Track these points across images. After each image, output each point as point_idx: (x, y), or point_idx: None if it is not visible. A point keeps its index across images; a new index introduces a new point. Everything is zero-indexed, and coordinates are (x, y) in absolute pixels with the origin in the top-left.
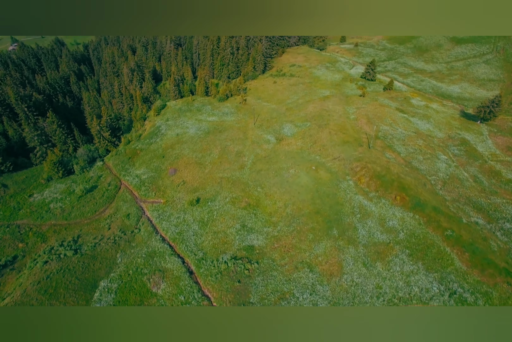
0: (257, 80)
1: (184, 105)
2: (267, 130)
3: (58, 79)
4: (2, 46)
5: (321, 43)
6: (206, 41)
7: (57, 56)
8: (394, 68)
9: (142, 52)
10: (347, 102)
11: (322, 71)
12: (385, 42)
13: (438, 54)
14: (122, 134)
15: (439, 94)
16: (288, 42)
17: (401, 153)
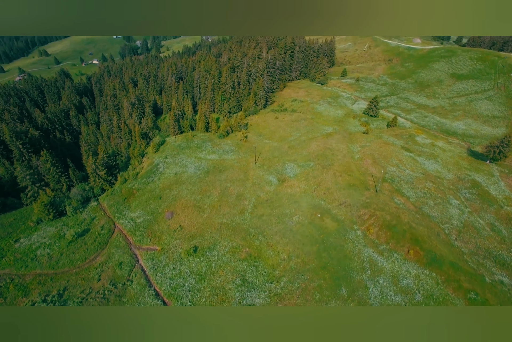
0: (258, 116)
1: (183, 142)
2: (268, 170)
3: (58, 112)
4: (10, 77)
5: (322, 78)
6: (207, 75)
7: (60, 88)
8: (397, 104)
9: (144, 85)
10: (350, 140)
11: (324, 107)
12: (386, 77)
13: (439, 90)
14: (119, 172)
15: (444, 131)
16: (289, 76)
17: (411, 198)
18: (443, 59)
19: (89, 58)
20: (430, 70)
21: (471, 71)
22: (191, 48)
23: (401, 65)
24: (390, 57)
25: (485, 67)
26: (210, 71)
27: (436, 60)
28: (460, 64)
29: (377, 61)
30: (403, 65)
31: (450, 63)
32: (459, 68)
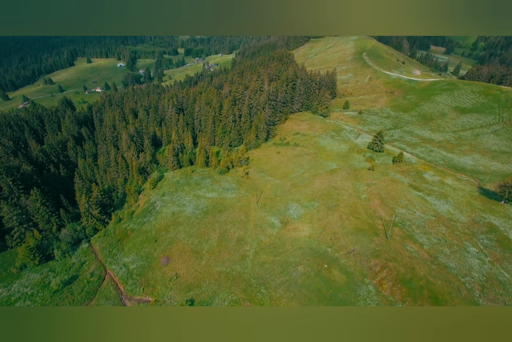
0: (260, 150)
1: (182, 178)
2: (271, 211)
3: (55, 144)
4: (14, 104)
5: (324, 110)
6: (208, 107)
7: (61, 117)
8: (401, 137)
9: (144, 116)
10: (355, 176)
11: (327, 141)
12: (389, 109)
13: (443, 123)
14: (114, 210)
15: (451, 167)
16: (291, 108)
17: (424, 245)
18: (445, 92)
19: (93, 86)
20: (433, 103)
21: (474, 105)
22: (193, 78)
23: (404, 98)
24: (391, 89)
25: (488, 101)
26: (211, 104)
27: (438, 93)
28: (462, 97)
29: (379, 93)
30: (406, 98)
31: (452, 96)
32: (462, 102)
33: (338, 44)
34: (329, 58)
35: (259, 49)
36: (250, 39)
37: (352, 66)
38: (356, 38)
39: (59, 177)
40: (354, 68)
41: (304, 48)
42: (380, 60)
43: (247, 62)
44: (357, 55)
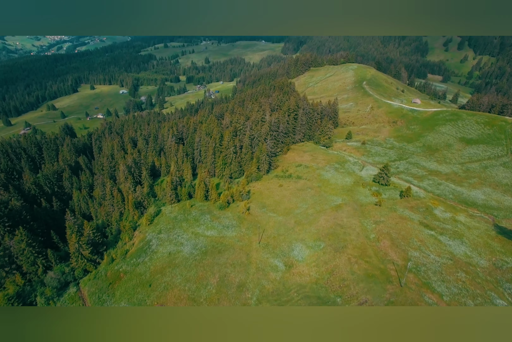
0: (261, 182)
1: (180, 213)
2: (274, 252)
3: (50, 174)
4: (16, 130)
5: (327, 140)
6: (208, 138)
7: (59, 145)
8: (407, 169)
9: (143, 145)
10: (362, 213)
11: (331, 173)
12: (393, 140)
13: (449, 154)
14: (106, 249)
15: (462, 201)
16: (293, 138)
17: (444, 296)
18: (449, 122)
19: (94, 113)
20: (438, 133)
21: (480, 136)
22: (194, 105)
23: (407, 128)
24: (394, 119)
25: (494, 132)
26: (211, 134)
27: (442, 123)
28: (467, 128)
29: (381, 123)
30: (409, 128)
31: (457, 127)
32: (467, 132)
33: (338, 73)
34: (330, 86)
35: (260, 77)
36: (251, 67)
37: (352, 95)
38: (355, 67)
39: (50, 211)
40: (355, 97)
41: (305, 76)
42: (380, 89)
43: (248, 91)
44: (357, 84)
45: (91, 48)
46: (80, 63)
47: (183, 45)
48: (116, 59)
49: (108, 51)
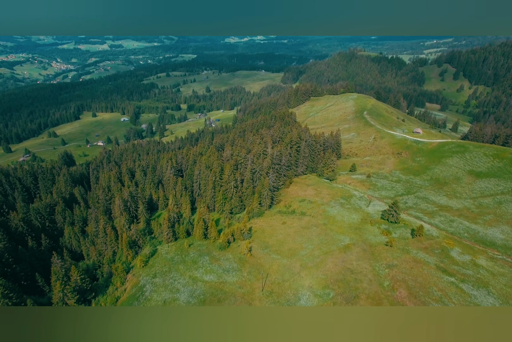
0: (263, 219)
1: (177, 254)
2: (278, 301)
3: (42, 208)
4: (15, 157)
5: (330, 173)
6: (208, 171)
7: (56, 175)
8: (416, 204)
9: (141, 177)
10: (373, 255)
11: (337, 209)
12: (399, 172)
13: (459, 188)
14: (95, 297)
15: (479, 241)
16: (296, 171)
17: None
18: (456, 154)
19: (95, 140)
20: (445, 166)
21: (490, 169)
22: (194, 134)
23: (412, 160)
24: (398, 150)
25: (504, 165)
26: (211, 167)
27: (448, 155)
28: (476, 160)
29: (385, 154)
30: (414, 160)
31: (464, 159)
32: (476, 165)
33: (338, 103)
34: (330, 116)
35: (260, 106)
36: (251, 96)
37: (354, 124)
38: (355, 97)
39: (37, 252)
40: (356, 127)
41: (305, 106)
42: (381, 119)
43: (249, 121)
44: (358, 114)
45: (95, 76)
46: (84, 91)
47: (184, 74)
48: (119, 88)
49: (112, 79)
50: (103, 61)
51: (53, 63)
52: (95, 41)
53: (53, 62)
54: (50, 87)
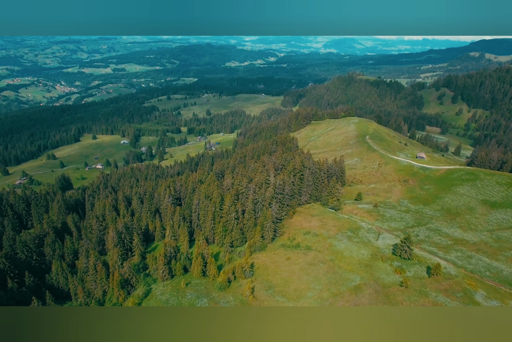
0: (266, 253)
1: (173, 295)
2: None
3: (30, 240)
4: (12, 180)
5: (335, 202)
6: (207, 201)
7: (50, 201)
8: (428, 238)
9: (138, 205)
10: (387, 297)
11: (344, 243)
12: (407, 202)
13: (474, 220)
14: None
15: (503, 281)
16: (299, 200)
17: None
18: (466, 183)
19: (94, 163)
20: (456, 195)
21: (505, 199)
22: (194, 158)
23: (420, 188)
24: (405, 177)
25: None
26: (211, 197)
27: (459, 183)
28: (488, 189)
29: (391, 181)
30: (423, 188)
31: (476, 188)
32: (489, 195)
33: (340, 127)
34: (332, 141)
35: (261, 130)
36: (251, 119)
37: (356, 149)
38: (356, 121)
39: (17, 294)
40: (359, 152)
41: (306, 130)
42: (383, 143)
43: (250, 146)
44: (361, 138)
45: (97, 99)
46: (85, 114)
47: (185, 97)
48: (120, 110)
49: (113, 102)
50: (106, 84)
51: (57, 86)
52: (99, 65)
53: (57, 85)
54: (52, 110)
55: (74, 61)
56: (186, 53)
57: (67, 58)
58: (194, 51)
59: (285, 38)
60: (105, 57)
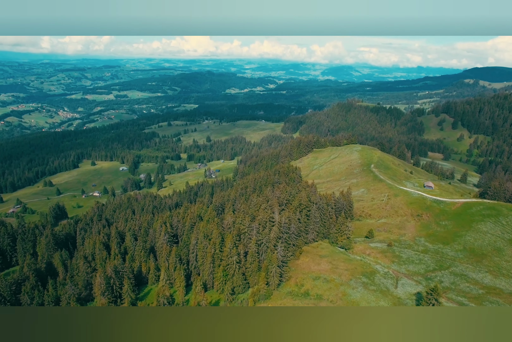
0: (271, 303)
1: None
2: None
3: (6, 287)
4: (5, 208)
5: (345, 241)
6: (206, 242)
7: (38, 235)
8: (454, 284)
9: (131, 242)
10: None
11: (360, 292)
12: (424, 240)
13: (504, 263)
14: None
15: None
16: (306, 238)
17: None
18: (488, 219)
19: (91, 190)
20: (478, 233)
21: None
22: (193, 188)
23: (437, 224)
24: (418, 211)
25: None
26: (210, 237)
27: (479, 220)
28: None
29: (403, 216)
30: (439, 224)
31: (500, 225)
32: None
33: (343, 155)
34: (336, 170)
35: (262, 158)
36: (252, 146)
37: (362, 179)
38: (359, 149)
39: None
40: (365, 182)
41: (308, 158)
42: (389, 172)
43: (251, 176)
44: (365, 167)
45: (98, 125)
46: (85, 139)
47: (186, 123)
48: (120, 136)
49: (114, 128)
50: (108, 110)
51: (60, 112)
52: (102, 92)
53: (60, 111)
54: (53, 135)
55: (78, 88)
56: (187, 80)
57: (72, 85)
58: (195, 78)
59: (284, 66)
60: (108, 84)
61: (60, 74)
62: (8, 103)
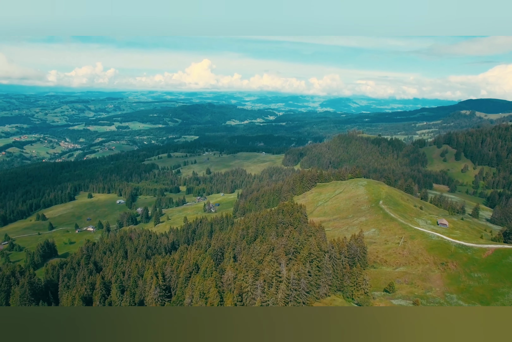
0: None
1: None
2: None
3: None
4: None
5: (362, 296)
6: (202, 302)
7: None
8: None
9: (117, 297)
10: None
11: None
12: (456, 297)
13: None
14: None
15: None
16: (317, 293)
17: None
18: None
19: (85, 224)
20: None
21: None
22: (191, 225)
23: (467, 276)
24: (441, 259)
25: None
26: (207, 295)
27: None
28: None
29: (425, 264)
30: (471, 277)
31: None
32: None
33: (348, 190)
34: (342, 206)
35: (263, 193)
36: (252, 178)
37: (371, 217)
38: (365, 183)
39: None
40: (375, 221)
41: (312, 193)
42: (399, 208)
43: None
44: (374, 204)
45: (98, 155)
46: (84, 170)
47: (186, 155)
48: (119, 168)
49: (114, 159)
50: (109, 141)
51: (61, 142)
52: (104, 123)
53: (62, 142)
54: (52, 166)
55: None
56: (188, 112)
57: (75, 116)
58: (196, 110)
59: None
60: (110, 116)
61: (64, 106)
62: (12, 134)
